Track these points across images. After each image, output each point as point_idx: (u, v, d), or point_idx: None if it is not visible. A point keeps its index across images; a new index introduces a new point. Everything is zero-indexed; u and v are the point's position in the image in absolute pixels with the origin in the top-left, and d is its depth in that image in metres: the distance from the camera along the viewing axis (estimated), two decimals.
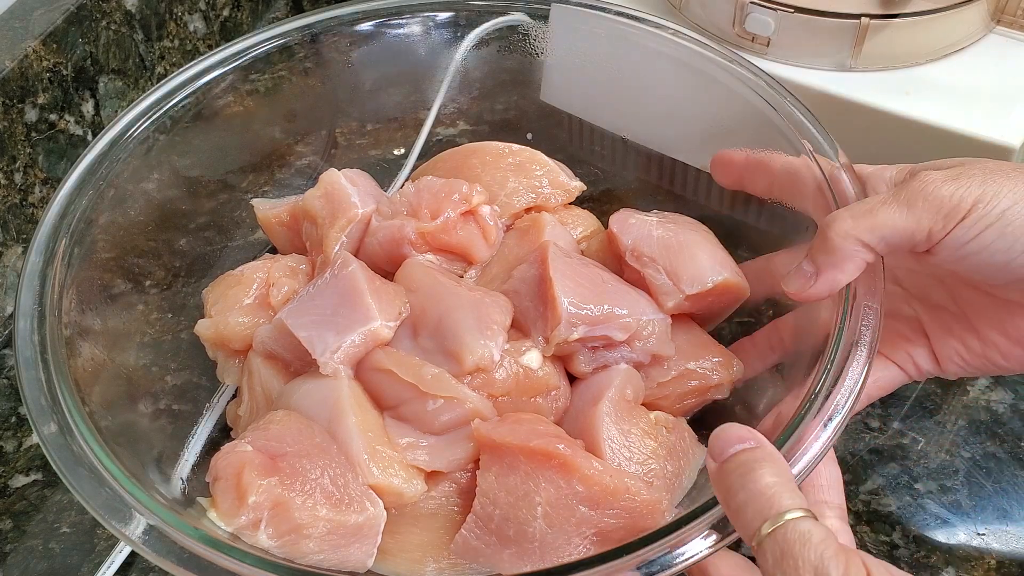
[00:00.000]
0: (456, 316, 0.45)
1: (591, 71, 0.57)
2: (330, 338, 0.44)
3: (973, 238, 0.38)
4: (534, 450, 0.41)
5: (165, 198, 0.54)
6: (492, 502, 0.41)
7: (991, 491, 0.49)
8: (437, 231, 0.50)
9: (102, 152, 0.49)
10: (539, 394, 0.46)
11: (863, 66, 0.55)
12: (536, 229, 0.51)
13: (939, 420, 0.52)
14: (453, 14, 0.58)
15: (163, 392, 0.51)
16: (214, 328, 0.49)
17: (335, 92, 0.61)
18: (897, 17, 0.53)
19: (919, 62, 0.55)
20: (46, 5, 0.61)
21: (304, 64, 0.58)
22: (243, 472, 0.40)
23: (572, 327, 0.45)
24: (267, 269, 0.51)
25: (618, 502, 0.41)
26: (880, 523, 0.48)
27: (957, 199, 0.37)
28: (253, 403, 0.48)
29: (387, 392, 0.44)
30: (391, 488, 0.42)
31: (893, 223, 0.38)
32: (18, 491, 0.52)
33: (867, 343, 0.39)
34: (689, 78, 0.52)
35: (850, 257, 0.39)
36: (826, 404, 0.37)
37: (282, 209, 0.55)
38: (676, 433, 0.46)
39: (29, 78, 0.58)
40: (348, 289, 0.46)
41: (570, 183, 0.54)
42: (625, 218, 0.50)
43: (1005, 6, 0.56)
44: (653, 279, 0.48)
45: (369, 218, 0.51)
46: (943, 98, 0.53)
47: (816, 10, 0.53)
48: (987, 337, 0.43)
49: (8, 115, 0.57)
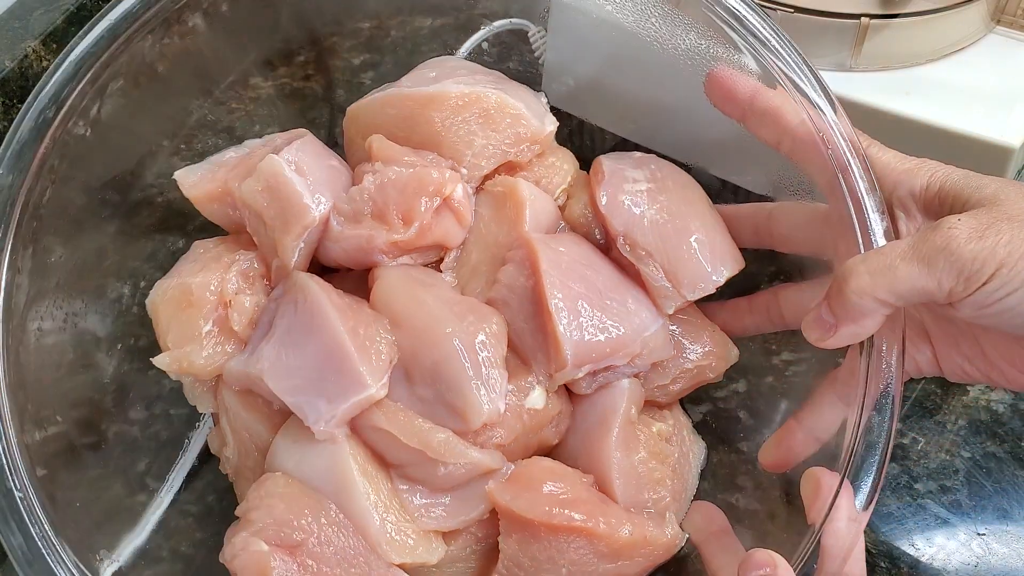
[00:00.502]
0: (453, 365, 0.42)
1: (591, 71, 0.57)
2: (322, 406, 0.41)
3: (995, 303, 0.36)
4: (556, 527, 0.41)
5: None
6: (516, 565, 0.42)
7: (991, 491, 0.49)
8: (412, 240, 0.45)
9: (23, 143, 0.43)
10: (544, 426, 0.45)
11: (863, 66, 0.55)
12: (514, 204, 0.46)
13: (939, 420, 0.52)
14: (454, 16, 0.58)
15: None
16: (176, 364, 0.45)
17: (334, 93, 0.61)
18: (897, 17, 0.53)
19: (919, 62, 0.55)
20: (46, 5, 0.62)
21: (306, 70, 0.58)
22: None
23: (578, 368, 0.43)
24: (218, 281, 0.45)
25: (639, 551, 0.42)
26: (880, 523, 0.48)
27: (981, 262, 0.35)
28: (240, 447, 0.46)
29: (391, 451, 0.43)
30: (415, 562, 0.42)
31: (912, 283, 0.36)
32: None
33: (891, 413, 0.38)
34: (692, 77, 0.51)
35: (868, 314, 0.38)
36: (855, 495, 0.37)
37: (213, 187, 0.47)
38: (676, 438, 0.46)
39: (29, 78, 0.58)
40: (332, 349, 0.42)
41: (544, 128, 0.48)
42: (614, 192, 0.46)
43: (1005, 6, 0.56)
44: (651, 279, 0.45)
45: (327, 219, 0.45)
46: (943, 98, 0.53)
47: (816, 10, 0.53)
48: (993, 361, 0.42)
49: (8, 115, 0.57)
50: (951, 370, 0.44)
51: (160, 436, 0.50)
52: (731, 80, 0.43)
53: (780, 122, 0.42)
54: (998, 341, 0.41)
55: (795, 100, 0.42)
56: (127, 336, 0.49)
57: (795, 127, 0.41)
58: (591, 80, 0.56)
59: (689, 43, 0.47)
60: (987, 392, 0.53)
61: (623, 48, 0.52)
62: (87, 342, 0.48)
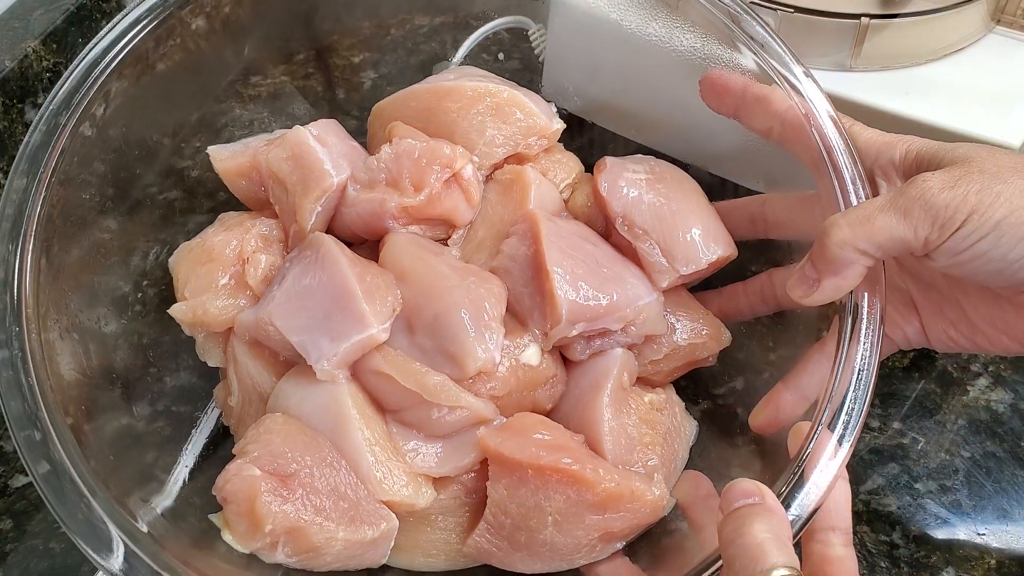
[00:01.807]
0: (453, 317, 0.44)
1: (590, 71, 0.57)
2: (324, 344, 0.43)
3: (968, 248, 0.38)
4: (544, 467, 0.41)
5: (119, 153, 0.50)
6: (503, 512, 0.42)
7: (991, 491, 0.49)
8: (422, 206, 0.47)
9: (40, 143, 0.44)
10: (538, 387, 0.46)
11: (863, 66, 0.55)
12: (521, 187, 0.49)
13: (939, 420, 0.52)
14: (454, 14, 0.58)
15: (160, 394, 0.50)
16: (191, 313, 0.47)
17: (334, 92, 0.61)
18: (897, 17, 0.53)
19: (919, 62, 0.55)
20: (46, 5, 0.61)
21: (306, 68, 0.58)
22: (256, 501, 0.39)
23: (572, 325, 0.45)
24: (238, 240, 0.48)
25: (625, 505, 0.42)
26: (880, 523, 0.48)
27: (953, 209, 0.37)
28: (244, 395, 0.47)
29: (388, 396, 0.44)
30: (404, 502, 0.43)
31: (890, 231, 0.38)
32: (18, 491, 0.51)
33: (873, 353, 0.39)
34: (691, 76, 0.51)
35: (849, 264, 0.39)
36: (840, 440, 0.38)
37: (242, 159, 0.50)
38: (668, 412, 0.47)
39: (29, 78, 0.58)
40: (339, 290, 0.44)
41: (551, 125, 0.51)
42: (614, 178, 0.48)
43: (1005, 6, 0.56)
44: (647, 255, 0.47)
45: (345, 186, 0.48)
46: (943, 98, 0.53)
47: (816, 10, 0.53)
48: (976, 324, 0.44)
49: (8, 115, 0.57)
50: (937, 338, 0.45)
51: (164, 432, 0.50)
52: (723, 78, 0.46)
53: (770, 109, 0.45)
54: (979, 303, 0.43)
55: (783, 89, 0.44)
56: (131, 333, 0.49)
57: (784, 112, 0.44)
58: (591, 79, 0.56)
59: (688, 43, 0.50)
60: (987, 392, 0.53)
61: (623, 46, 0.53)
62: (93, 338, 0.48)
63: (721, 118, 0.47)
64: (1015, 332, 0.43)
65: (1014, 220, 0.37)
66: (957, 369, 0.54)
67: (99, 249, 0.49)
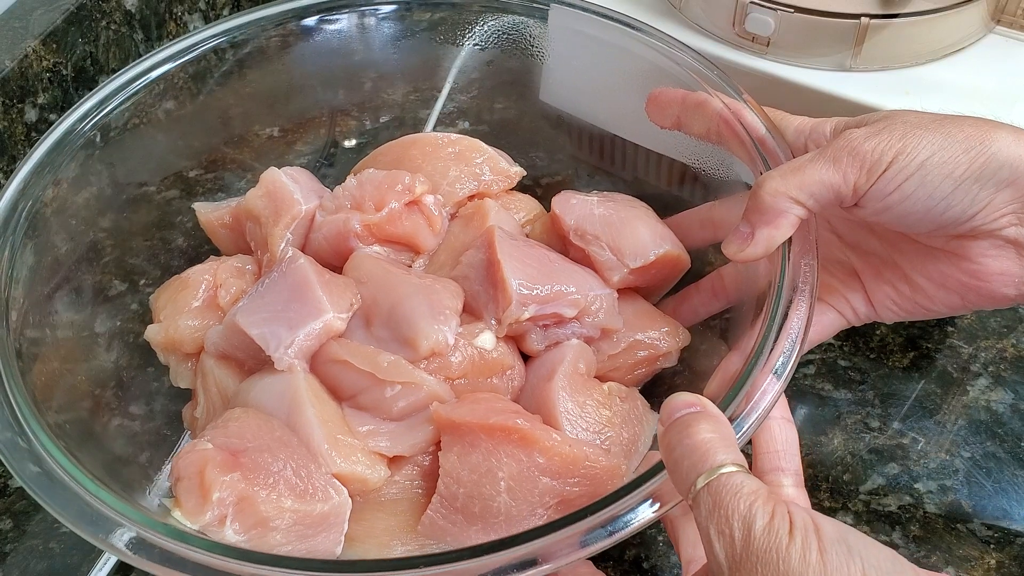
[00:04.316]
0: (408, 304, 0.45)
1: (590, 71, 0.57)
2: (283, 333, 0.44)
3: (895, 189, 0.40)
4: (493, 426, 0.41)
5: (110, 204, 0.54)
6: (456, 481, 0.42)
7: (991, 491, 0.49)
8: (383, 222, 0.50)
9: (42, 160, 0.48)
10: (494, 374, 0.47)
11: (863, 66, 0.55)
12: (480, 215, 0.52)
13: (939, 420, 0.52)
14: (454, 14, 0.58)
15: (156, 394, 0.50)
16: (164, 333, 0.49)
17: (334, 92, 0.62)
18: (897, 17, 0.53)
19: (919, 62, 0.55)
20: (46, 5, 0.61)
21: (304, 66, 0.58)
22: (205, 470, 0.39)
23: (523, 307, 0.46)
24: (213, 271, 0.51)
25: (578, 470, 0.42)
26: (880, 523, 0.48)
27: (879, 153, 0.40)
28: (209, 403, 0.48)
29: (344, 382, 0.45)
30: (355, 475, 0.42)
31: (820, 178, 0.40)
32: (18, 491, 0.51)
33: (807, 294, 0.40)
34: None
35: (782, 213, 0.41)
36: (772, 355, 0.38)
37: (224, 211, 0.55)
38: (629, 402, 0.47)
39: (29, 78, 0.58)
40: (298, 283, 0.46)
41: (510, 169, 0.55)
42: (567, 199, 0.51)
43: (1005, 6, 0.56)
44: (598, 255, 0.49)
45: (313, 214, 0.51)
46: (943, 98, 0.53)
47: (816, 10, 0.53)
48: (915, 281, 0.45)
49: (8, 115, 0.57)
50: (882, 304, 0.46)
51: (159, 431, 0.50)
52: (665, 92, 0.50)
53: (707, 111, 0.48)
54: (914, 257, 0.44)
55: (713, 95, 0.48)
56: (126, 333, 0.50)
57: (718, 111, 0.47)
58: (590, 78, 0.56)
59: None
60: (987, 392, 0.53)
61: (622, 46, 0.53)
62: (88, 339, 0.49)
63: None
64: (951, 283, 0.43)
65: (937, 160, 0.39)
66: (957, 369, 0.54)
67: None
